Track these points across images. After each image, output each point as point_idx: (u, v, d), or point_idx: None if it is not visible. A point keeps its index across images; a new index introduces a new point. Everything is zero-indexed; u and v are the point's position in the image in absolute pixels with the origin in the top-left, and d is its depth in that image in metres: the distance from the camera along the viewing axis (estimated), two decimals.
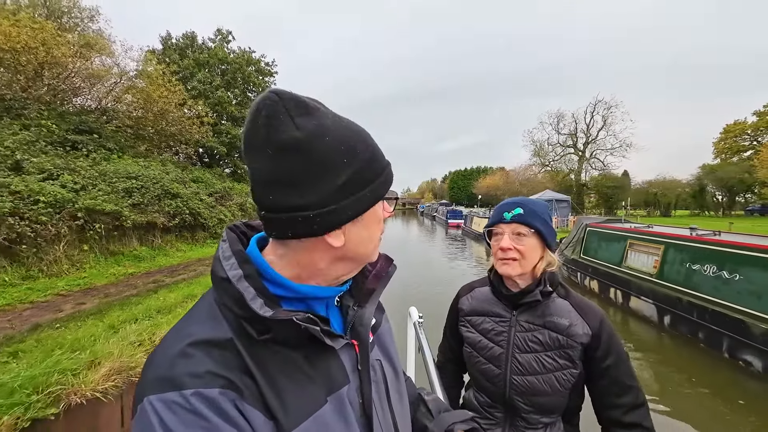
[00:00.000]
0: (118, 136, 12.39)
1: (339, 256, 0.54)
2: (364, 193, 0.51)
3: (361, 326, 0.60)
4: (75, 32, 13.70)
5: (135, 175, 10.01)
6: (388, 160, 0.57)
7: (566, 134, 45.49)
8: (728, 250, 5.51)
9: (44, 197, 7.07)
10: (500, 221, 1.15)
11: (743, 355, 4.88)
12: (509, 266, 1.12)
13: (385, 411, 0.62)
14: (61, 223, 7.23)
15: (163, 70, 14.47)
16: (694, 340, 5.74)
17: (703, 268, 5.80)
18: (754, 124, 43.71)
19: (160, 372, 0.45)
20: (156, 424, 0.41)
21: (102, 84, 13.22)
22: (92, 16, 13.91)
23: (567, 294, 1.17)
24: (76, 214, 7.54)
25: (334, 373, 0.55)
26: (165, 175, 11.36)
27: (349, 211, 0.51)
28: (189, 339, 0.47)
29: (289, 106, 0.48)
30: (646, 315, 6.90)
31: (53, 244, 7.08)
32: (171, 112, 14.18)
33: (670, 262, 6.55)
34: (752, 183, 37.40)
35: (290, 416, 0.48)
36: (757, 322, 4.70)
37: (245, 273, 0.51)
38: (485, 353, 1.19)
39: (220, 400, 0.43)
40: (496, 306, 1.22)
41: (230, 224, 0.61)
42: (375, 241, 0.57)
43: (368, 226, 0.54)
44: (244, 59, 22.54)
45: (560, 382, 1.08)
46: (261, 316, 0.48)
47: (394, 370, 0.70)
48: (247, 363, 0.48)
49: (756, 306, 4.80)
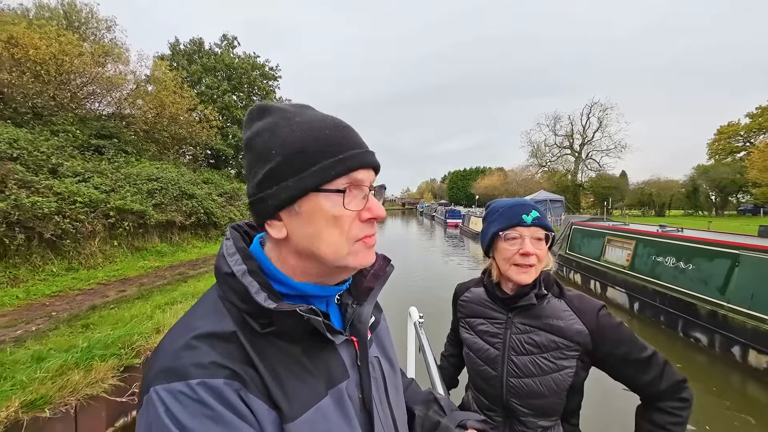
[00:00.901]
0: (135, 139, 13.18)
1: (296, 251, 0.54)
2: (287, 182, 0.51)
3: (360, 323, 0.61)
4: (90, 40, 14.55)
5: (155, 177, 10.85)
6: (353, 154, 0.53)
7: (563, 135, 46.40)
8: (685, 245, 6.35)
9: (80, 198, 7.90)
10: (519, 224, 1.08)
11: (693, 333, 5.72)
12: (528, 273, 1.07)
13: (384, 407, 0.63)
14: (96, 221, 8.06)
15: (175, 76, 15.28)
16: (657, 323, 6.57)
17: (665, 260, 6.64)
18: (746, 125, 44.62)
19: (165, 363, 0.46)
20: (162, 413, 0.42)
21: (119, 90, 14.07)
22: (109, 27, 14.73)
23: (561, 293, 1.15)
24: (108, 213, 8.36)
25: (333, 368, 0.56)
26: (181, 177, 12.20)
27: (270, 201, 0.52)
28: (194, 332, 0.48)
29: (254, 112, 0.55)
30: (620, 303, 7.74)
31: (89, 239, 7.91)
32: (182, 117, 15.01)
33: (639, 256, 7.39)
34: (744, 183, 38.23)
35: (293, 406, 0.49)
36: (703, 305, 5.54)
37: (249, 268, 0.53)
38: (481, 355, 1.18)
39: (224, 389, 0.44)
40: (491, 307, 1.20)
41: (233, 223, 0.63)
42: (329, 241, 0.52)
43: (311, 221, 0.52)
44: (250, 64, 23.37)
45: (557, 384, 1.06)
46: (265, 308, 0.49)
47: (392, 368, 0.71)
48: (251, 355, 0.49)
49: (703, 291, 5.64)
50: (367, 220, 0.55)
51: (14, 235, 6.28)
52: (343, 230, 0.53)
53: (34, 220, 6.65)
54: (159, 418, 0.42)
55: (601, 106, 43.28)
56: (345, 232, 0.53)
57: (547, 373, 1.07)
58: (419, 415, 0.80)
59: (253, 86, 23.78)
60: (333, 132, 0.53)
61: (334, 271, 0.56)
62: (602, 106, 43.23)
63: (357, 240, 0.54)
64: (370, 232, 0.56)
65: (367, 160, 0.54)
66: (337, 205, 0.52)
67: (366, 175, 0.55)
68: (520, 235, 1.07)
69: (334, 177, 0.51)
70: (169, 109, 14.26)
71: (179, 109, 14.78)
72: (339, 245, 0.53)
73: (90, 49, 13.05)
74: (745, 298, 4.95)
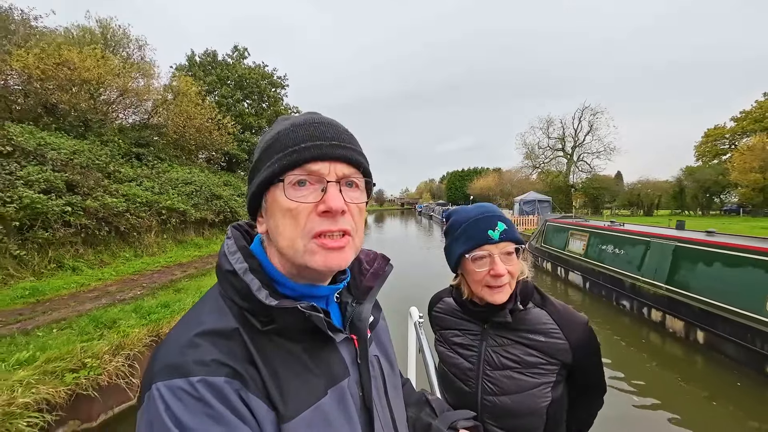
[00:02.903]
0: (167, 147, 14.99)
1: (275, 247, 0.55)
2: (256, 179, 0.55)
3: (360, 322, 0.62)
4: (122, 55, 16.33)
5: (190, 181, 12.66)
6: (306, 146, 0.53)
7: (555, 138, 48.32)
8: (621, 235, 8.20)
9: (140, 199, 9.71)
10: (486, 242, 0.98)
11: (621, 301, 7.57)
12: (503, 292, 0.99)
13: (383, 405, 0.63)
14: (152, 218, 9.87)
15: (199, 90, 17.09)
16: (600, 297, 8.42)
17: (607, 248, 8.50)
18: (731, 129, 46.71)
19: (168, 360, 0.46)
20: (162, 410, 0.42)
21: (148, 102, 15.85)
22: (141, 46, 16.55)
23: (544, 302, 1.08)
24: (161, 212, 10.19)
25: (334, 366, 0.56)
26: (209, 180, 14.02)
27: (248, 196, 0.57)
28: (196, 330, 0.49)
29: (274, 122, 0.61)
30: (577, 284, 9.59)
31: (147, 233, 9.72)
32: (206, 125, 16.82)
33: (591, 245, 9.24)
34: (726, 185, 40.18)
35: (290, 406, 0.49)
36: (627, 279, 7.39)
37: (250, 266, 0.53)
38: (455, 370, 1.10)
39: (224, 388, 0.45)
40: (465, 318, 1.12)
41: (234, 222, 0.64)
42: (285, 235, 0.53)
43: (273, 214, 0.54)
44: (260, 74, 25.18)
45: (535, 403, 0.99)
46: (266, 305, 0.50)
47: (391, 367, 0.71)
48: (252, 353, 0.49)
49: (628, 269, 7.48)
50: (322, 213, 0.53)
51: (101, 228, 8.10)
52: (297, 223, 0.52)
53: (113, 217, 8.46)
54: (159, 415, 0.42)
55: (591, 110, 45.27)
56: (300, 226, 0.52)
57: (525, 389, 0.99)
58: (411, 417, 0.81)
59: (262, 94, 25.60)
60: (296, 128, 0.54)
61: (301, 270, 0.55)
62: (593, 110, 45.22)
63: (314, 236, 0.52)
64: (330, 227, 0.53)
65: (323, 153, 0.53)
66: (292, 198, 0.52)
67: (326, 168, 0.53)
68: (488, 254, 0.98)
69: (283, 169, 0.52)
70: (194, 120, 16.06)
71: (203, 119, 16.58)
72: (294, 239, 0.52)
73: (125, 67, 14.84)
74: (650, 273, 6.79)
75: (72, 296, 5.92)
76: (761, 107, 43.08)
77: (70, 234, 7.31)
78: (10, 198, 6.39)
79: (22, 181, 6.83)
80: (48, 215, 6.87)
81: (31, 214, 6.67)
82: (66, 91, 11.96)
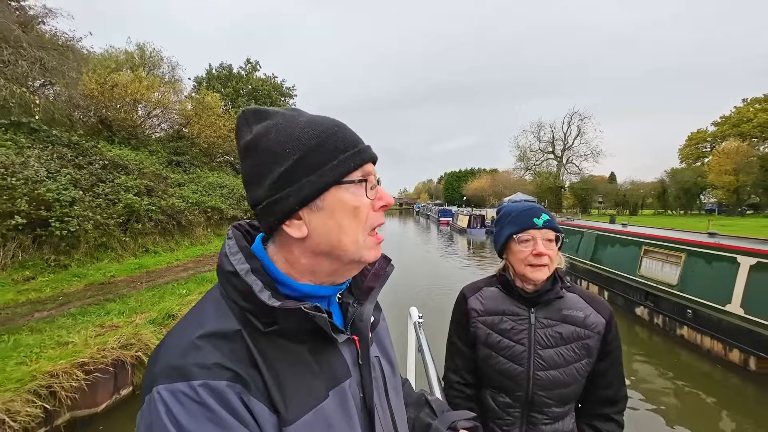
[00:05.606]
0: (199, 155, 17.38)
1: (313, 249, 0.54)
2: (310, 178, 0.52)
3: (361, 322, 0.62)
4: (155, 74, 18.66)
5: (224, 185, 15.06)
6: (362, 147, 0.56)
7: (546, 141, 50.92)
8: (573, 228, 10.68)
9: (191, 200, 12.08)
10: (531, 227, 1.16)
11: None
12: (542, 272, 1.14)
13: (384, 406, 0.63)
14: (200, 215, 12.26)
15: (225, 104, 19.45)
16: None
17: (570, 239, 11.01)
18: (712, 133, 49.33)
19: (170, 362, 0.46)
20: (163, 414, 0.42)
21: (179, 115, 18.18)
22: (173, 67, 18.91)
23: (572, 287, 1.24)
24: (207, 210, 12.56)
25: (336, 367, 0.56)
26: (238, 183, 16.37)
27: (292, 198, 0.52)
28: (198, 331, 0.48)
29: (249, 116, 0.56)
30: None
31: (197, 227, 12.10)
32: (230, 135, 19.17)
33: None
34: (704, 186, 42.74)
35: (291, 409, 0.48)
36: (577, 263, 9.85)
37: (252, 267, 0.53)
38: (506, 353, 1.21)
39: (226, 392, 0.44)
40: (512, 305, 1.24)
41: (234, 222, 0.64)
42: (349, 232, 0.54)
43: (333, 214, 0.53)
44: (271, 85, 27.61)
45: (579, 372, 1.15)
46: (269, 307, 0.49)
47: (392, 367, 0.72)
48: (254, 355, 0.49)
49: (574, 254, 9.96)
50: (379, 208, 0.57)
51: (170, 222, 10.50)
52: (361, 220, 0.55)
53: (176, 214, 10.85)
54: (160, 419, 0.42)
55: (580, 115, 47.93)
56: (363, 222, 0.55)
57: (570, 362, 1.15)
58: (410, 417, 0.81)
59: (274, 104, 27.99)
60: (341, 129, 0.56)
61: (348, 266, 0.57)
62: (581, 115, 47.88)
63: (372, 230, 0.57)
64: (383, 220, 0.59)
65: (373, 154, 0.58)
66: (357, 196, 0.54)
67: (372, 168, 0.57)
68: (532, 237, 1.15)
69: (352, 169, 0.54)
70: (221, 130, 18.43)
71: (226, 129, 18.93)
72: (358, 236, 0.55)
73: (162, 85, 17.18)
74: (587, 255, 9.28)
75: (167, 269, 8.33)
76: (739, 112, 45.57)
77: (151, 226, 9.71)
78: (118, 199, 8.78)
79: (123, 187, 9.23)
80: (140, 212, 9.25)
81: (129, 212, 9.06)
82: (118, 110, 14.31)
